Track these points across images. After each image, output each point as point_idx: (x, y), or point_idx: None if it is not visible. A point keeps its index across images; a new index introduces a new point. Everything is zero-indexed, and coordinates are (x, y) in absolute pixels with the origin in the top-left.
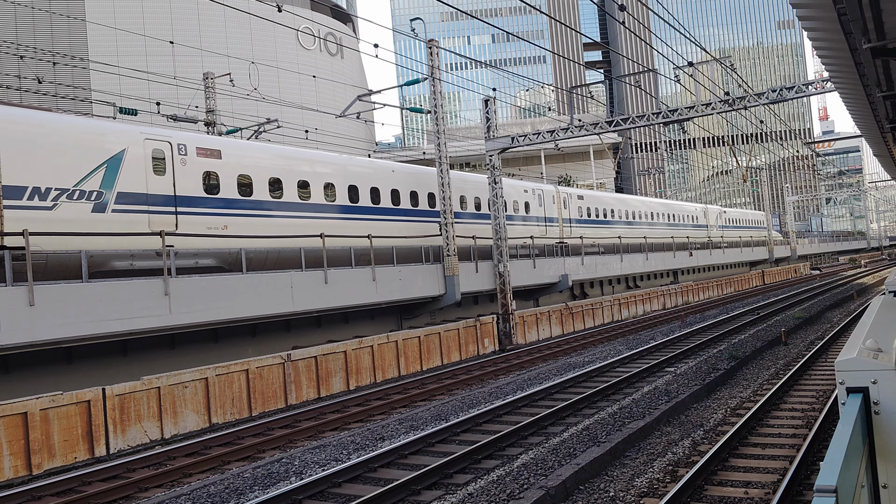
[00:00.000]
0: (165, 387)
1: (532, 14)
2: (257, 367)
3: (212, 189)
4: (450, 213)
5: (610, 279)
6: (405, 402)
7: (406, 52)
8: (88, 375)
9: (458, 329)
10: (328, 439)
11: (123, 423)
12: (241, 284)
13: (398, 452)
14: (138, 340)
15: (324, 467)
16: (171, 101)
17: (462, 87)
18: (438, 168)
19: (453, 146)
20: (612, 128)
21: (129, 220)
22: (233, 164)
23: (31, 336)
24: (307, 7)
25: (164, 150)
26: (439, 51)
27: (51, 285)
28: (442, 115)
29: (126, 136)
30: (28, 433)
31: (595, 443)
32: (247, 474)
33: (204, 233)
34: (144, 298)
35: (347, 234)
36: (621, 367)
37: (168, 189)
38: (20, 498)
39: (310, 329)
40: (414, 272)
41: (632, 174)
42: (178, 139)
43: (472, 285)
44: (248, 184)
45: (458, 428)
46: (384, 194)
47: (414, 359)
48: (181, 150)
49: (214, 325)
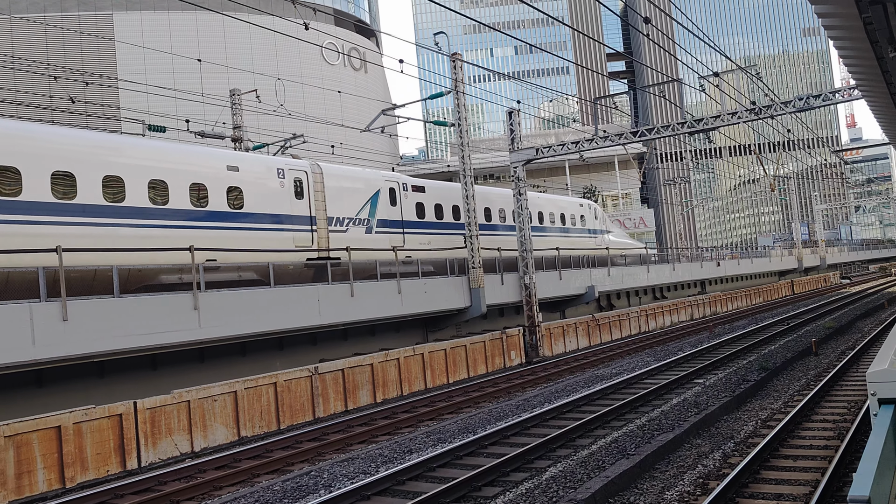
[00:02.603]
0: (195, 400)
1: (555, 26)
2: (285, 380)
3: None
4: (474, 225)
5: (636, 290)
6: (432, 414)
7: (429, 66)
8: (120, 389)
9: (485, 341)
10: (356, 452)
11: (154, 437)
12: (269, 298)
13: (426, 465)
14: (168, 354)
15: (353, 480)
16: (199, 118)
17: (485, 100)
18: (462, 180)
19: (477, 158)
20: (637, 138)
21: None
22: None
23: (65, 350)
24: (331, 23)
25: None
26: (462, 64)
27: (83, 300)
28: (466, 127)
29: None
30: (62, 447)
31: (624, 455)
32: (276, 487)
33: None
34: (174, 313)
35: (373, 248)
36: (649, 378)
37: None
38: None
39: (336, 342)
40: (439, 285)
41: (657, 184)
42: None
43: (498, 297)
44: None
45: (486, 441)
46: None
47: (440, 371)
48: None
49: (242, 338)
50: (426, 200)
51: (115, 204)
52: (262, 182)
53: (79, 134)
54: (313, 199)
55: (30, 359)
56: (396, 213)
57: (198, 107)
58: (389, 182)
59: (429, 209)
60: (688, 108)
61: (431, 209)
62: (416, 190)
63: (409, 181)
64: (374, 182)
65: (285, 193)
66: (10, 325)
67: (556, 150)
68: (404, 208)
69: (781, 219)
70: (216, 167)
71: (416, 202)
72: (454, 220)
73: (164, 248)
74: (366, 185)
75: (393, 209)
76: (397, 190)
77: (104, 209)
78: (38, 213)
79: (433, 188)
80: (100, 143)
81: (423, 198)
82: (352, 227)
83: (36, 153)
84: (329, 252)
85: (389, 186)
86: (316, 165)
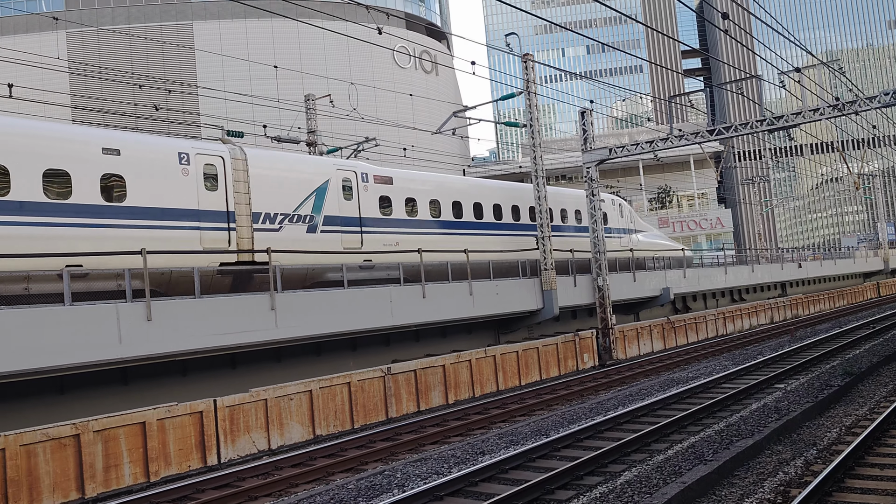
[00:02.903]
0: (272, 399)
1: (628, 24)
2: (359, 380)
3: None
4: (546, 226)
5: (713, 292)
6: (504, 416)
7: (500, 67)
8: (201, 387)
9: (557, 344)
10: (429, 452)
11: (233, 434)
12: (343, 299)
13: (499, 467)
14: (246, 354)
15: (425, 480)
16: (275, 123)
17: (557, 100)
18: (535, 181)
19: (549, 159)
20: (714, 136)
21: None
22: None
23: (149, 349)
24: (403, 27)
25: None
26: (534, 64)
27: (166, 301)
28: (537, 128)
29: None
30: (146, 442)
31: (701, 461)
32: (351, 486)
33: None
34: (252, 313)
35: (444, 249)
36: (727, 383)
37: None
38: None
39: (408, 343)
40: (511, 286)
41: (735, 183)
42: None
43: (571, 299)
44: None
45: (559, 443)
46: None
47: (512, 373)
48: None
49: (317, 338)
50: (395, 194)
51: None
52: (155, 169)
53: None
54: (232, 191)
55: (116, 357)
56: (352, 208)
57: (274, 112)
58: (343, 171)
59: (398, 204)
60: (767, 105)
61: (401, 204)
62: (382, 181)
63: (370, 170)
64: (320, 171)
65: (190, 183)
66: (99, 324)
67: (630, 149)
68: (364, 203)
69: (866, 218)
70: (85, 150)
71: (381, 196)
72: (455, 217)
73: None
74: (309, 175)
75: (348, 204)
76: (354, 181)
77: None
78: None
79: (406, 179)
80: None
81: (390, 190)
82: (287, 226)
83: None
84: (254, 255)
85: (343, 176)
86: (238, 150)
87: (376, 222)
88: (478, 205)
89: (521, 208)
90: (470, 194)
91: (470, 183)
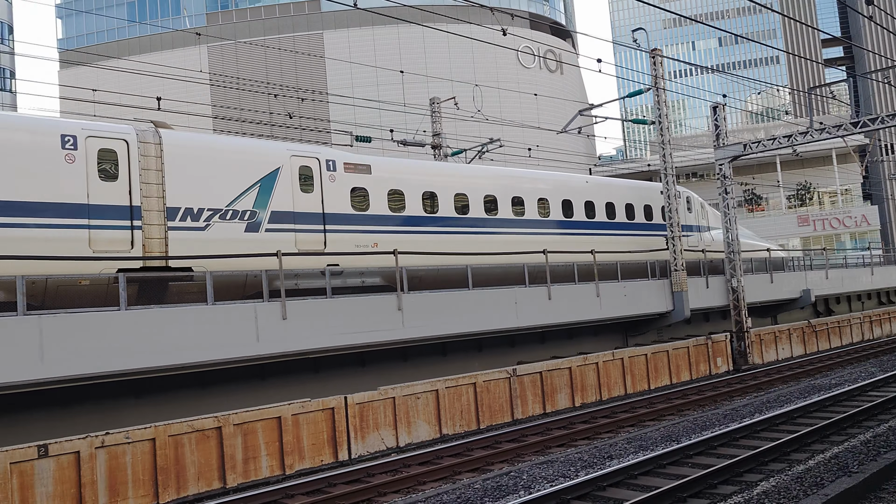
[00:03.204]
0: (400, 397)
1: (762, 13)
2: (484, 380)
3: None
4: (676, 225)
5: (859, 294)
6: (633, 421)
7: (627, 64)
8: (332, 384)
9: (688, 347)
10: (555, 455)
11: (363, 430)
12: (468, 300)
13: (627, 472)
14: (374, 352)
15: (552, 483)
16: (401, 127)
17: (687, 95)
18: (664, 180)
19: (679, 156)
20: (858, 129)
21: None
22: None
23: (284, 347)
24: (527, 27)
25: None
26: (663, 59)
27: (300, 301)
28: (667, 124)
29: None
30: (282, 436)
31: (845, 472)
32: (477, 485)
33: None
34: (380, 313)
35: (567, 250)
36: (874, 390)
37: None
38: (276, 495)
39: (533, 344)
40: (639, 288)
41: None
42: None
43: (702, 301)
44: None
45: (691, 450)
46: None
47: (641, 377)
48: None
49: (443, 339)
50: (374, 185)
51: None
52: (24, 155)
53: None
54: (138, 182)
55: (255, 354)
56: (312, 202)
57: (400, 116)
58: (301, 158)
59: (378, 197)
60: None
61: (382, 197)
62: (355, 170)
63: (339, 157)
64: (267, 158)
65: (76, 172)
66: (239, 322)
67: (766, 145)
68: (329, 196)
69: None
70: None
71: (354, 187)
72: (459, 214)
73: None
74: (251, 163)
75: (306, 197)
76: (316, 170)
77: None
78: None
79: (390, 168)
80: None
81: (367, 181)
82: (218, 223)
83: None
84: (167, 260)
85: (300, 164)
86: (149, 132)
87: (347, 219)
88: (490, 198)
89: (551, 201)
90: (481, 186)
91: (489, 173)
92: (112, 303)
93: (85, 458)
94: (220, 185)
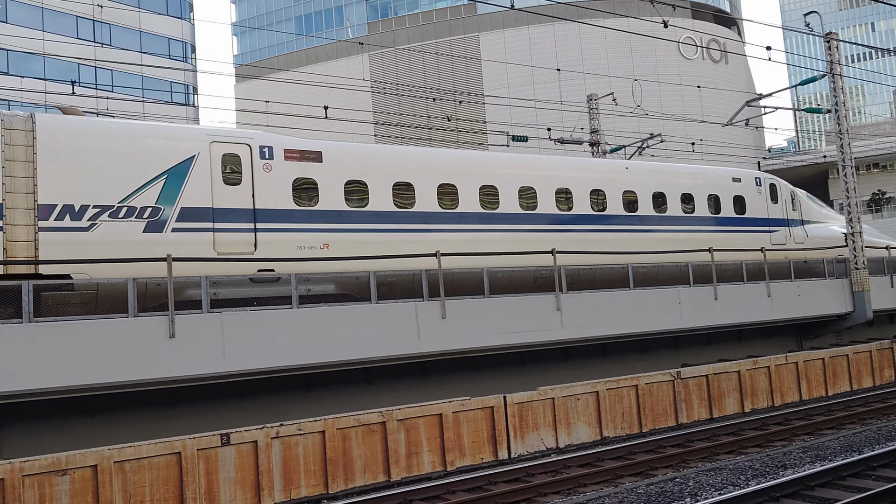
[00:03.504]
0: (559, 398)
1: None
2: (646, 383)
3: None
4: (857, 220)
5: None
6: (809, 428)
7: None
8: (491, 383)
9: (871, 351)
10: (723, 462)
11: (522, 430)
12: (629, 300)
13: (803, 483)
14: (533, 352)
15: (720, 491)
16: (558, 125)
17: (866, 80)
18: (841, 172)
19: (857, 146)
20: None
21: None
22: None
23: (444, 345)
24: (688, 17)
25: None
26: (838, 43)
27: (459, 300)
28: (844, 112)
29: None
30: (443, 433)
31: None
32: (640, 490)
33: None
34: (539, 313)
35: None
36: None
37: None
38: (438, 490)
39: (699, 346)
40: (815, 287)
41: None
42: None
43: (887, 302)
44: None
45: (874, 461)
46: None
47: (817, 382)
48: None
49: (603, 339)
50: (324, 176)
51: None
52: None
53: None
54: (0, 174)
55: (416, 352)
56: (239, 196)
57: (556, 114)
58: (224, 144)
59: (329, 190)
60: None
61: (335, 190)
62: (300, 157)
63: (278, 143)
64: (178, 144)
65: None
66: (401, 321)
67: None
68: (262, 189)
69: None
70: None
71: (297, 178)
72: (445, 208)
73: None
74: (155, 150)
75: (231, 190)
76: (246, 157)
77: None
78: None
79: (347, 154)
80: None
81: (315, 171)
82: (107, 222)
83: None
84: (37, 266)
85: (224, 151)
86: (20, 118)
87: (286, 216)
88: (490, 188)
89: (547, 192)
90: (477, 174)
91: (484, 159)
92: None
93: (262, 447)
94: (112, 178)
